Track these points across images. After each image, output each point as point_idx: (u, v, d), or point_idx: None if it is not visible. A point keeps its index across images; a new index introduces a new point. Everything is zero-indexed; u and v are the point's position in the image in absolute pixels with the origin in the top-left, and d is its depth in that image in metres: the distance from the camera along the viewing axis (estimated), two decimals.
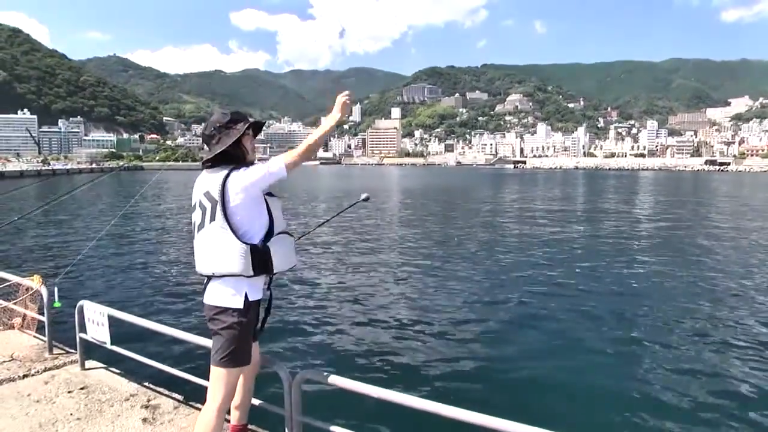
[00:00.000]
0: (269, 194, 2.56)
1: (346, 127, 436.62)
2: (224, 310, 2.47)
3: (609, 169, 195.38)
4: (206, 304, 2.54)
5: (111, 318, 3.91)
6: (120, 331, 4.11)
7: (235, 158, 2.53)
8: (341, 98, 2.58)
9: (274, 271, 2.51)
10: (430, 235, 20.00)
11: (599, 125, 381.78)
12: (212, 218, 2.44)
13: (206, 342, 2.93)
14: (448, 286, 11.77)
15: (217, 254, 2.44)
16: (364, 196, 3.37)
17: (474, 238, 19.48)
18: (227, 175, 2.43)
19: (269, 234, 2.51)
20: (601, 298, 10.89)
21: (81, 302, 4.08)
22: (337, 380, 2.73)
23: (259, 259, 2.44)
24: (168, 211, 29.56)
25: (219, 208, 2.41)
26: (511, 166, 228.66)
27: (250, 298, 2.48)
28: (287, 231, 2.60)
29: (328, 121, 2.57)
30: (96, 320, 3.98)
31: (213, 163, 2.53)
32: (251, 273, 2.44)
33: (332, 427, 2.75)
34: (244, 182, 2.41)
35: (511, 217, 27.62)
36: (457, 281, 12.23)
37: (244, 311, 2.46)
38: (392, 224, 22.61)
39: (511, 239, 19.25)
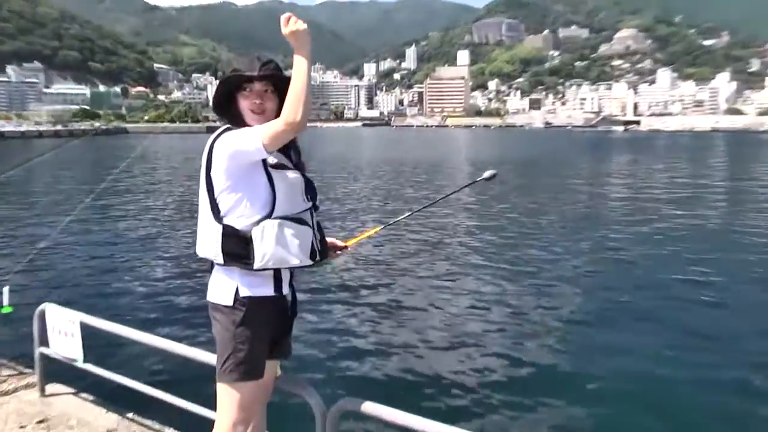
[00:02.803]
0: (280, 166, 2.53)
1: (397, 76, 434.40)
2: (215, 307, 2.58)
3: (765, 131, 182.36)
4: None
5: (84, 326, 3.92)
6: (95, 344, 4.14)
7: (232, 117, 2.61)
8: (293, 26, 2.32)
9: (255, 267, 2.44)
10: (504, 236, 19.35)
11: (750, 69, 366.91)
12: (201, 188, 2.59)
13: (210, 357, 2.96)
14: (520, 302, 11.47)
15: (199, 233, 2.57)
16: (488, 173, 3.15)
17: (567, 238, 18.93)
18: (217, 136, 2.52)
19: (268, 218, 2.48)
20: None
21: (43, 306, 4.11)
22: (383, 411, 2.72)
23: (233, 247, 2.45)
24: (159, 189, 30.24)
25: (203, 176, 2.53)
26: (620, 128, 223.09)
27: (242, 294, 2.50)
28: (300, 218, 2.54)
29: (300, 66, 2.33)
30: (63, 329, 4.00)
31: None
32: (221, 261, 2.48)
33: None
34: (227, 149, 2.46)
35: (621, 212, 26.95)
36: (533, 297, 11.86)
37: (235, 309, 2.50)
38: (453, 219, 22.26)
39: (616, 241, 18.78)
